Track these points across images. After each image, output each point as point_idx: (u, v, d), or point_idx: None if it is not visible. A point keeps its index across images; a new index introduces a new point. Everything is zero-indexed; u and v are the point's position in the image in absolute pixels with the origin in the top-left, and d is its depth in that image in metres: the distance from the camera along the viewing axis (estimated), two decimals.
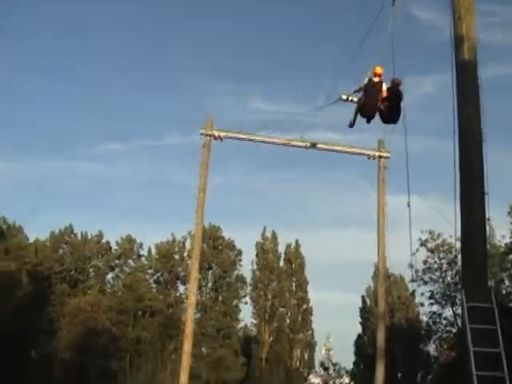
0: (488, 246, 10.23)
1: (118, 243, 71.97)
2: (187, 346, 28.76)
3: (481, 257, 10.86)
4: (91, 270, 70.61)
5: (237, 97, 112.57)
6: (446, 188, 13.08)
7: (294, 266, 73.33)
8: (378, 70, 15.09)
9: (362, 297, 68.99)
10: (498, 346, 9.77)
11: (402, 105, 15.26)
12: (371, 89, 15.17)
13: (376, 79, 15.11)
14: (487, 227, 11.01)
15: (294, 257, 73.47)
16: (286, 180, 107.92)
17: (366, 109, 15.58)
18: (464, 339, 10.18)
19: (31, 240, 63.35)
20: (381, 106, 15.22)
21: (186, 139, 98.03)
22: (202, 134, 30.02)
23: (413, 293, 62.04)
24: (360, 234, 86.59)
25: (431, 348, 57.01)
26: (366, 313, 67.63)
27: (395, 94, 15.11)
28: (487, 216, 11.01)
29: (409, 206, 16.29)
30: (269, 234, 73.37)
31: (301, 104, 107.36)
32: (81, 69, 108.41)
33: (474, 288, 10.53)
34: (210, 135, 29.84)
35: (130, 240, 71.68)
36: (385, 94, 15.10)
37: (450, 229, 11.99)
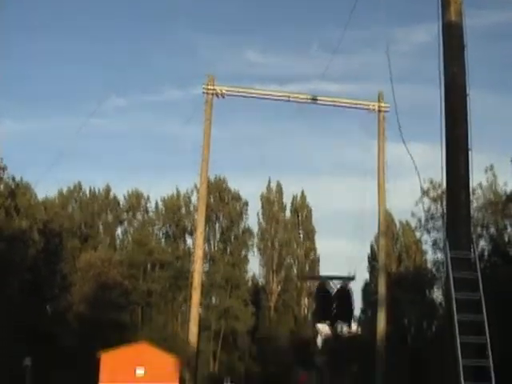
0: (472, 199, 10.75)
1: (125, 198, 72.86)
2: (196, 298, 29.72)
3: (464, 209, 11.38)
4: (101, 225, 71.58)
5: (233, 48, 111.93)
6: None
7: (300, 216, 73.97)
8: None
9: (371, 245, 69.48)
10: (478, 292, 10.43)
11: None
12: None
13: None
14: (470, 181, 11.52)
15: (301, 207, 74.07)
16: (288, 132, 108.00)
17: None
18: (447, 287, 10.84)
19: (40, 198, 64.06)
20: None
21: (187, 93, 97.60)
22: (204, 91, 30.56)
23: (417, 241, 62.78)
24: (366, 184, 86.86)
25: (435, 295, 57.67)
26: (373, 260, 68.21)
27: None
28: (470, 170, 11.49)
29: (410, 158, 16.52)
30: (273, 185, 73.97)
31: (297, 55, 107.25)
32: (81, 22, 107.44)
33: (457, 239, 11.12)
34: (212, 92, 30.39)
35: (137, 194, 72.47)
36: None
37: None
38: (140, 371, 32.24)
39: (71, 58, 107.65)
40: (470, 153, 11.61)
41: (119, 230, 73.17)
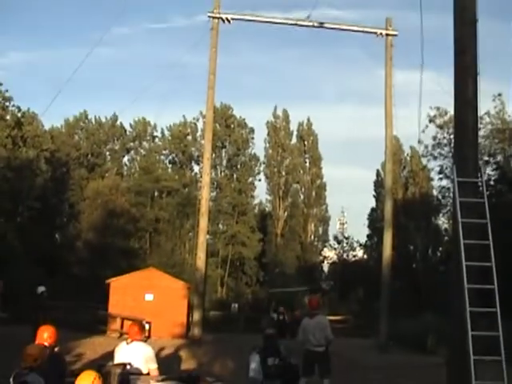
0: (479, 126, 10.66)
1: (131, 126, 72.80)
2: (203, 224, 30.14)
3: (472, 134, 11.37)
4: (107, 153, 71.78)
5: None
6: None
7: (306, 143, 73.98)
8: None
9: (377, 170, 69.69)
10: (485, 218, 10.51)
11: None
12: None
13: None
14: (479, 105, 11.49)
15: (307, 134, 74.00)
16: (295, 59, 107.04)
17: None
18: (454, 212, 10.93)
19: (47, 128, 64.09)
20: None
21: (192, 20, 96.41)
22: (209, 17, 30.25)
23: (423, 168, 62.80)
24: (372, 111, 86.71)
25: (441, 221, 58.03)
26: (379, 187, 68.50)
27: None
28: (478, 96, 11.46)
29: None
30: (280, 113, 73.79)
31: None
32: None
33: (464, 163, 11.16)
34: (218, 18, 30.10)
35: (143, 122, 72.40)
36: None
37: None
38: (149, 296, 32.70)
39: None
40: (478, 78, 11.56)
41: (126, 159, 73.46)
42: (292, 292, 53.36)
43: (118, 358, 9.69)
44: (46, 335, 8.77)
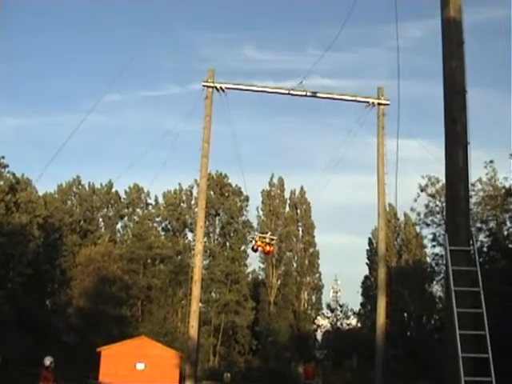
0: (471, 193, 10.77)
1: (126, 192, 72.94)
2: (196, 292, 29.84)
3: (463, 203, 11.49)
4: (101, 219, 71.77)
5: (230, 46, 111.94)
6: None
7: (299, 211, 74.14)
8: None
9: (369, 239, 69.80)
10: (477, 286, 10.53)
11: None
12: None
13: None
14: (470, 174, 11.63)
15: (300, 202, 74.22)
16: (288, 127, 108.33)
17: None
18: (447, 280, 10.94)
19: (40, 193, 64.24)
20: None
21: (186, 89, 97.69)
22: (204, 86, 30.63)
23: (417, 235, 62.95)
24: (365, 178, 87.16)
25: (435, 289, 57.86)
26: (372, 255, 68.47)
27: None
28: (469, 164, 11.60)
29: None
30: (275, 181, 74.12)
31: (293, 51, 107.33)
32: (78, 19, 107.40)
33: (456, 232, 11.23)
34: (212, 87, 30.46)
35: (137, 189, 72.59)
36: None
37: None
38: (140, 366, 32.35)
39: (69, 55, 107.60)
40: (468, 147, 11.72)
41: (119, 225, 73.37)
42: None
43: None
44: None
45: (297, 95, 30.85)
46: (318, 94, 30.81)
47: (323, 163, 69.64)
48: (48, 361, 18.48)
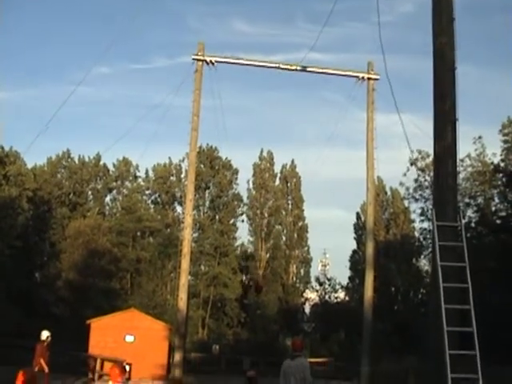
0: (460, 169, 10.84)
1: (114, 165, 72.82)
2: (185, 265, 30.04)
3: (451, 179, 11.61)
4: (90, 192, 71.67)
5: (220, 19, 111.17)
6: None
7: (289, 184, 74.34)
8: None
9: (357, 213, 70.15)
10: (463, 261, 10.67)
11: None
12: None
13: None
14: (457, 151, 11.73)
15: (290, 176, 74.40)
16: (278, 100, 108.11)
17: None
18: (434, 256, 11.08)
19: (29, 166, 64.09)
20: None
21: (175, 62, 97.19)
22: (194, 60, 30.59)
23: (405, 209, 63.23)
24: (354, 153, 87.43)
25: (422, 263, 58.22)
26: (360, 229, 68.80)
27: None
28: (457, 140, 11.69)
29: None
30: (265, 155, 74.17)
31: (283, 25, 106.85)
32: None
33: (443, 207, 11.35)
34: (202, 60, 30.43)
35: (126, 162, 72.46)
36: None
37: None
38: (130, 338, 32.51)
39: (56, 27, 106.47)
40: (457, 123, 11.80)
41: (108, 198, 73.29)
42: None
43: None
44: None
45: (287, 69, 30.91)
46: (308, 69, 30.87)
47: (313, 138, 69.80)
48: (45, 335, 18.58)
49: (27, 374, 9.05)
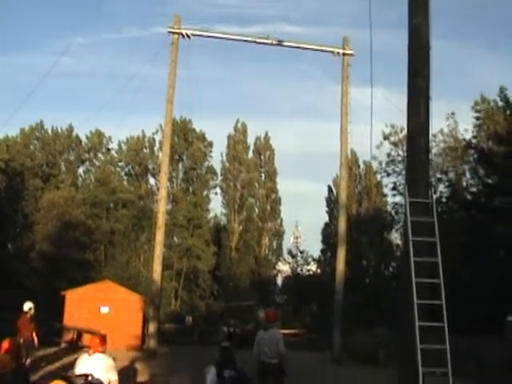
0: (432, 144, 11.15)
1: (87, 137, 72.45)
2: (160, 237, 30.36)
3: (424, 155, 11.89)
4: (62, 164, 71.29)
5: None
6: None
7: (263, 157, 74.53)
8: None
9: (329, 186, 70.52)
10: (434, 236, 10.99)
11: None
12: None
13: None
14: (430, 128, 12.00)
15: (264, 148, 74.56)
16: (253, 73, 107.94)
17: None
18: (406, 231, 11.40)
19: (1, 137, 63.62)
20: None
21: (147, 32, 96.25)
22: (170, 32, 30.63)
23: (378, 184, 63.76)
24: (327, 126, 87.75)
25: (394, 237, 58.92)
26: (332, 202, 69.31)
27: None
28: (430, 118, 11.96)
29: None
30: (240, 126, 74.16)
31: None
32: None
33: (415, 184, 11.65)
34: (178, 33, 30.49)
35: (99, 134, 72.11)
36: None
37: None
38: (104, 309, 32.72)
39: None
40: (430, 101, 12.06)
41: (81, 170, 73.00)
42: (246, 306, 53.54)
43: (80, 369, 9.93)
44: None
45: (263, 43, 31.08)
46: (285, 43, 31.06)
47: (287, 110, 69.81)
48: (27, 306, 18.65)
49: (12, 343, 9.22)
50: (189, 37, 30.69)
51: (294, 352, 22.50)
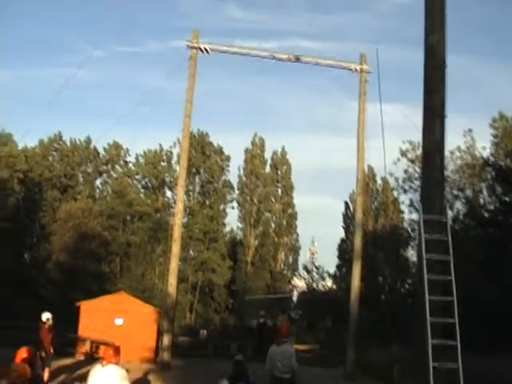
0: (449, 161, 11.10)
1: (105, 149, 72.91)
2: (175, 250, 30.36)
3: (438, 173, 11.94)
4: (80, 176, 71.74)
5: (213, 4, 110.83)
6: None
7: (279, 172, 74.58)
8: None
9: (345, 202, 70.45)
10: (448, 254, 11.01)
11: None
12: None
13: None
14: (445, 146, 12.05)
15: (281, 163, 74.62)
16: (271, 87, 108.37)
17: None
18: (420, 248, 11.42)
19: (20, 148, 64.12)
20: None
21: (168, 47, 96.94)
22: (188, 47, 30.79)
23: (395, 200, 63.55)
24: (344, 141, 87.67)
25: (410, 254, 58.59)
26: (348, 218, 69.19)
27: None
28: (445, 136, 12.02)
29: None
30: (257, 141, 74.30)
31: (277, 11, 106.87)
32: None
33: (430, 201, 11.69)
34: (197, 48, 30.64)
35: (116, 146, 72.57)
36: None
37: None
38: (119, 321, 32.74)
39: (48, 9, 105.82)
40: (444, 120, 12.12)
41: (98, 182, 73.43)
42: (268, 300, 53.32)
43: (93, 381, 10.02)
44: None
45: (281, 59, 31.19)
46: (302, 59, 31.15)
47: (304, 125, 69.99)
48: (44, 317, 18.76)
49: (29, 351, 9.30)
50: (207, 51, 30.84)
51: (306, 368, 22.45)
